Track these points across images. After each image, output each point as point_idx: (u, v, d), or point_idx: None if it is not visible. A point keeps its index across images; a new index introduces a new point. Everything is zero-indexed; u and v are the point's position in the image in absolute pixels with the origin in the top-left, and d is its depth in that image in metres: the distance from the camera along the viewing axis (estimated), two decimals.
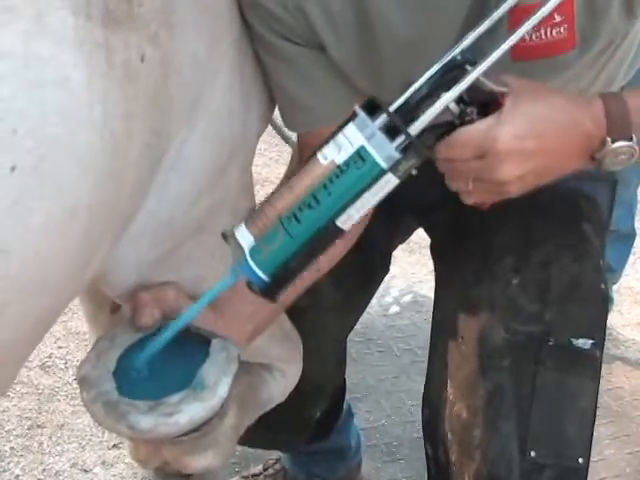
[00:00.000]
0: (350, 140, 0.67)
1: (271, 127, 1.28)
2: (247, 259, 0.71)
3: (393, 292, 2.23)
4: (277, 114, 0.98)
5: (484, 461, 0.94)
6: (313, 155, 0.69)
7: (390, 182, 0.68)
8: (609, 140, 0.73)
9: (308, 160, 0.70)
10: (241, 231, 0.72)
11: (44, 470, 1.58)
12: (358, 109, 0.68)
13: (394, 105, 0.71)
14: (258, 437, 1.21)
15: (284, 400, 1.12)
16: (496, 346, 0.96)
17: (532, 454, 0.93)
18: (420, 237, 1.81)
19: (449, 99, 0.70)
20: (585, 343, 0.97)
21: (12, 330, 0.64)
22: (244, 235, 0.71)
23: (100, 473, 1.58)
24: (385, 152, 0.67)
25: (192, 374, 0.83)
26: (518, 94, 0.73)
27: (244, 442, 1.21)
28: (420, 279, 2.29)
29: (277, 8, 0.83)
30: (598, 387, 0.98)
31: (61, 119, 0.60)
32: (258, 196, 1.00)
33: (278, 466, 1.57)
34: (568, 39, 0.80)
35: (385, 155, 0.67)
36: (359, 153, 0.67)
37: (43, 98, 0.58)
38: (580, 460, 0.95)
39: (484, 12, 0.76)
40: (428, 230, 1.24)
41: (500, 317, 0.97)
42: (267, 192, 0.77)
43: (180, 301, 0.87)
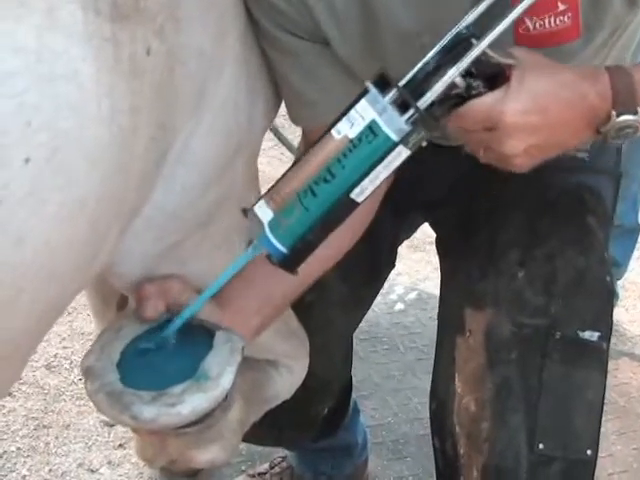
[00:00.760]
0: (362, 115, 0.70)
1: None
2: (267, 233, 0.74)
3: (398, 290, 2.23)
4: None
5: (492, 454, 0.94)
6: (327, 131, 0.72)
7: (401, 154, 0.70)
8: (614, 114, 0.74)
9: (322, 136, 0.72)
10: (261, 206, 0.75)
11: (50, 470, 1.58)
12: (369, 85, 0.70)
13: (403, 80, 0.72)
14: (264, 434, 1.21)
15: (290, 397, 1.12)
16: (503, 339, 0.97)
17: (540, 447, 0.93)
18: (424, 234, 1.81)
19: (455, 73, 0.72)
20: (591, 335, 0.97)
21: (24, 318, 0.65)
22: (264, 210, 0.74)
23: (106, 473, 1.58)
24: (396, 125, 0.69)
25: (196, 365, 0.83)
26: (525, 68, 0.74)
27: (250, 439, 1.21)
28: (425, 276, 2.30)
29: (281, 2, 0.83)
30: (605, 379, 0.98)
31: (72, 113, 0.60)
32: None
33: (284, 464, 1.56)
34: (572, 28, 0.80)
35: (396, 128, 0.69)
36: (371, 127, 0.69)
37: (55, 92, 0.59)
38: (588, 452, 0.95)
39: None
40: (433, 225, 1.24)
41: (506, 311, 0.98)
42: None
43: (185, 294, 0.87)
